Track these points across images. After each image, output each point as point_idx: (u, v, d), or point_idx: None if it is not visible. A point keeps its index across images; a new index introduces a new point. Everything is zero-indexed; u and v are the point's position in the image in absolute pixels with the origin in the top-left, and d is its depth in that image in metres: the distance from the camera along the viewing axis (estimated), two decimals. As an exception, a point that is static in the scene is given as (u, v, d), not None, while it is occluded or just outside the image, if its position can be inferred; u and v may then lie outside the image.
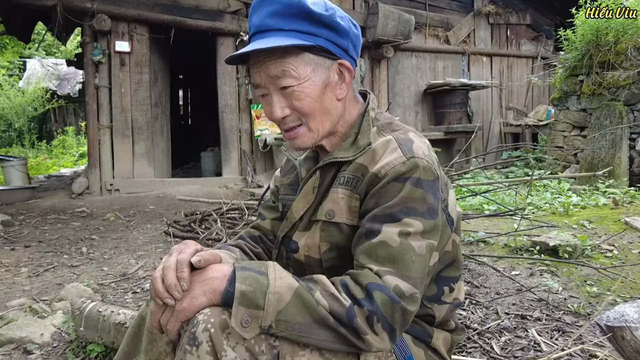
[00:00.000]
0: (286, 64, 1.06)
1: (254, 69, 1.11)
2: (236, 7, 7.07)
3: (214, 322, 0.91)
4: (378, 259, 0.97)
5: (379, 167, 1.04)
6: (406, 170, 1.02)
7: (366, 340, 0.92)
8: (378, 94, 8.24)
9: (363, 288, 0.94)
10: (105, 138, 6.41)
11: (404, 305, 0.94)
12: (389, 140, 1.09)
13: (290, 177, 1.33)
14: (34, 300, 2.56)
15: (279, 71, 1.06)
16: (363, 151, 1.10)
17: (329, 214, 1.10)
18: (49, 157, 12.70)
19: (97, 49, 6.21)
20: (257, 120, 7.09)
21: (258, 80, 1.11)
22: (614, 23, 5.70)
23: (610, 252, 2.83)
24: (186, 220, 4.33)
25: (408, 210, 1.00)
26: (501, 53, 9.64)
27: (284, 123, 1.12)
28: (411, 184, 1.01)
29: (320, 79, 1.09)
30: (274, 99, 1.10)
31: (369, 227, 1.01)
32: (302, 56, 1.06)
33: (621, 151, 5.46)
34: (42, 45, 18.00)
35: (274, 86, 1.09)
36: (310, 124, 1.11)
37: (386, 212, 1.00)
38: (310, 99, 1.08)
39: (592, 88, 5.95)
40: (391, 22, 7.69)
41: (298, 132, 1.12)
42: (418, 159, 1.03)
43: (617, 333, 1.39)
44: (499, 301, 2.25)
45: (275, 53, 1.05)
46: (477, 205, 4.42)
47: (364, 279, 0.95)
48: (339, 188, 1.11)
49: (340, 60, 1.11)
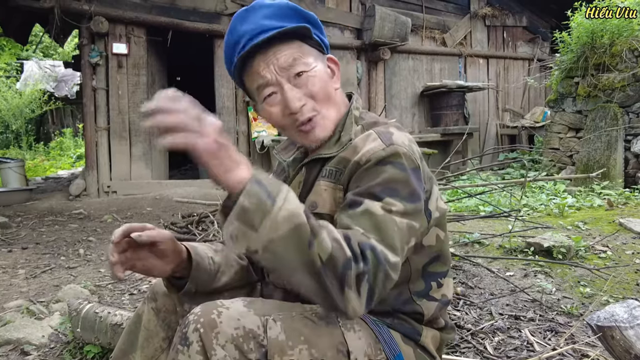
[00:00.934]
0: (294, 53, 1.11)
1: (262, 66, 1.11)
2: (233, 9, 7.08)
3: (204, 321, 0.93)
4: (363, 225, 0.95)
5: (359, 155, 1.06)
6: (387, 155, 1.03)
7: (346, 295, 0.88)
8: (375, 96, 8.26)
9: (357, 245, 0.90)
10: (103, 140, 6.42)
11: (388, 270, 0.92)
12: (369, 133, 1.11)
13: (280, 178, 1.34)
14: (31, 301, 2.57)
15: (290, 60, 1.10)
16: (345, 147, 1.13)
17: (312, 205, 1.12)
18: (46, 158, 12.69)
19: (94, 51, 6.22)
20: (255, 122, 7.10)
21: (268, 77, 1.11)
22: (609, 25, 5.74)
23: (604, 253, 2.85)
24: (183, 222, 4.34)
25: (390, 191, 1.00)
26: (498, 55, 9.68)
27: (301, 114, 1.12)
28: (393, 167, 1.02)
29: (321, 68, 1.15)
30: (288, 91, 1.11)
31: (352, 199, 1.00)
32: (304, 47, 1.13)
33: (616, 153, 5.49)
34: (40, 47, 17.99)
35: (286, 78, 1.11)
36: (324, 111, 1.15)
37: (369, 191, 1.00)
38: (323, 82, 1.14)
39: (588, 90, 5.98)
40: (388, 24, 7.71)
41: (315, 121, 1.14)
42: (397, 146, 1.05)
43: (607, 333, 1.41)
44: (493, 302, 2.27)
45: (281, 46, 1.10)
46: (473, 207, 4.44)
47: (354, 237, 0.92)
48: (321, 180, 1.13)
49: (328, 55, 1.18)
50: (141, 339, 1.15)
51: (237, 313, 0.96)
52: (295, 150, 1.32)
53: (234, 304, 0.99)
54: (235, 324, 0.94)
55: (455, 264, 2.74)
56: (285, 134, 1.22)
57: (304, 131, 1.15)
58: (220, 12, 7.02)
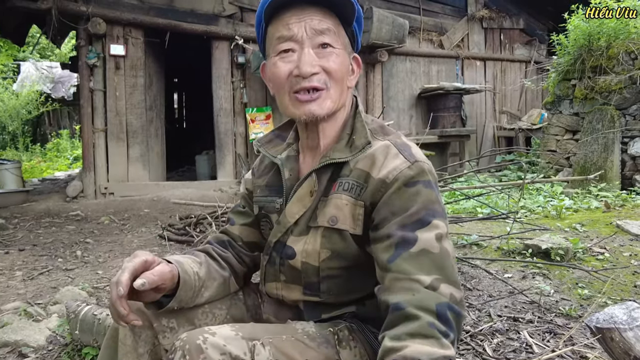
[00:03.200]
0: (330, 25, 1.09)
1: (293, 19, 1.08)
2: (231, 11, 7.09)
3: (189, 348, 0.93)
4: (423, 268, 0.94)
5: (385, 173, 1.04)
6: (414, 174, 1.03)
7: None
8: (372, 98, 8.27)
9: (434, 313, 0.89)
10: (100, 141, 6.40)
11: (463, 313, 0.94)
12: (388, 145, 1.09)
13: (267, 177, 1.28)
14: (29, 303, 2.56)
15: (323, 27, 1.08)
16: (362, 150, 1.09)
17: (332, 220, 1.09)
18: (43, 160, 12.66)
19: (92, 52, 6.20)
20: (252, 123, 7.10)
21: (295, 31, 1.07)
22: (605, 28, 5.76)
23: (602, 255, 2.86)
24: (181, 223, 4.34)
25: (432, 212, 1.00)
26: (495, 57, 9.70)
27: (309, 80, 1.07)
28: (424, 187, 1.02)
29: (346, 57, 1.13)
30: (307, 54, 1.07)
31: (402, 236, 0.97)
32: (339, 29, 1.11)
33: (613, 155, 5.51)
34: (37, 48, 17.94)
35: (312, 41, 1.08)
36: (332, 90, 1.10)
37: (414, 219, 0.99)
38: (342, 65, 1.11)
39: (585, 92, 6.00)
40: (385, 26, 7.72)
41: (321, 94, 1.09)
42: (422, 162, 1.05)
43: (607, 334, 1.41)
44: (492, 304, 2.27)
45: (321, 11, 1.08)
46: (471, 209, 4.45)
47: (428, 303, 0.90)
48: (342, 194, 1.09)
49: (355, 55, 1.17)
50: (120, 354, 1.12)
51: (223, 339, 0.95)
52: (286, 146, 1.26)
53: (221, 330, 0.98)
54: (220, 350, 0.93)
55: (453, 266, 2.74)
56: (278, 99, 1.16)
57: (301, 100, 1.09)
58: (218, 14, 7.02)
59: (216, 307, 1.23)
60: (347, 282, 1.13)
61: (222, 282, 1.24)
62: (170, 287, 1.10)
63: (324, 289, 1.13)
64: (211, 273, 1.21)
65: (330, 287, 1.13)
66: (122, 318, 0.99)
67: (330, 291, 1.14)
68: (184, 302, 1.13)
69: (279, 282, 1.20)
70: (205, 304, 1.21)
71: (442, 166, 6.96)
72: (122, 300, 0.97)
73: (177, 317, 1.15)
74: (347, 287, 1.14)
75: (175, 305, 1.11)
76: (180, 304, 1.13)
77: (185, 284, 1.11)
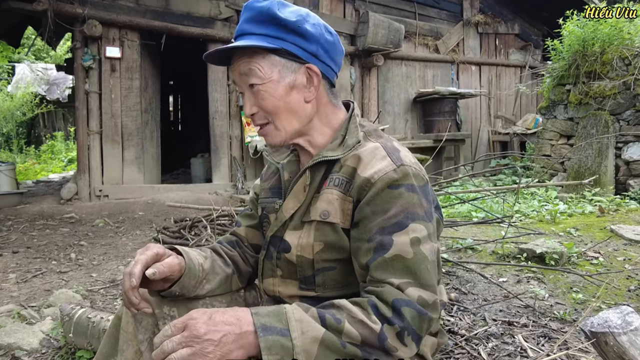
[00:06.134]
0: (253, 63, 1.13)
1: (232, 68, 1.18)
2: (227, 14, 7.09)
3: None
4: (395, 272, 1.00)
5: (371, 172, 1.07)
6: (399, 178, 1.06)
7: (396, 355, 0.96)
8: (368, 102, 8.28)
9: (389, 305, 0.97)
10: (95, 144, 6.38)
11: (430, 315, 0.99)
12: (377, 147, 1.13)
13: (271, 181, 1.36)
14: (22, 306, 2.55)
15: (246, 69, 1.14)
16: (352, 149, 1.14)
17: (324, 214, 1.13)
18: (38, 162, 12.60)
19: (87, 55, 6.19)
20: (248, 126, 7.09)
21: (234, 78, 1.20)
22: (600, 34, 5.80)
23: (596, 259, 2.87)
24: (176, 226, 4.32)
25: (412, 215, 1.04)
26: (490, 62, 9.76)
27: (253, 120, 1.19)
28: (406, 190, 1.05)
29: (285, 81, 1.14)
30: (246, 97, 1.17)
31: (379, 241, 1.03)
32: (268, 58, 1.13)
33: (607, 160, 5.54)
34: (32, 49, 17.88)
35: (244, 84, 1.16)
36: (276, 122, 1.17)
37: (392, 222, 1.03)
38: (273, 98, 1.14)
39: (579, 97, 6.04)
40: (381, 30, 7.75)
41: (266, 129, 1.19)
42: (407, 166, 1.08)
43: (601, 339, 1.42)
44: (487, 308, 2.28)
45: (245, 53, 1.13)
46: (466, 213, 4.46)
47: (388, 296, 0.97)
48: (333, 189, 1.13)
49: (308, 64, 1.15)
50: (121, 342, 1.17)
51: None
52: (289, 152, 1.33)
53: None
54: None
55: (448, 270, 2.74)
56: None
57: (259, 134, 1.22)
58: (214, 17, 7.02)
59: (216, 300, 1.28)
60: (341, 275, 1.16)
61: (225, 278, 1.30)
62: (178, 278, 1.17)
63: (319, 282, 1.16)
64: (215, 268, 1.28)
65: (325, 280, 1.16)
66: (134, 306, 1.08)
67: (325, 285, 1.16)
68: (185, 289, 1.19)
69: (276, 277, 1.24)
70: (206, 297, 1.26)
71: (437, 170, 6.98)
72: (135, 290, 1.07)
73: (178, 306, 1.19)
74: (341, 281, 1.16)
75: (177, 290, 1.17)
76: (182, 290, 1.18)
77: (190, 272, 1.18)
